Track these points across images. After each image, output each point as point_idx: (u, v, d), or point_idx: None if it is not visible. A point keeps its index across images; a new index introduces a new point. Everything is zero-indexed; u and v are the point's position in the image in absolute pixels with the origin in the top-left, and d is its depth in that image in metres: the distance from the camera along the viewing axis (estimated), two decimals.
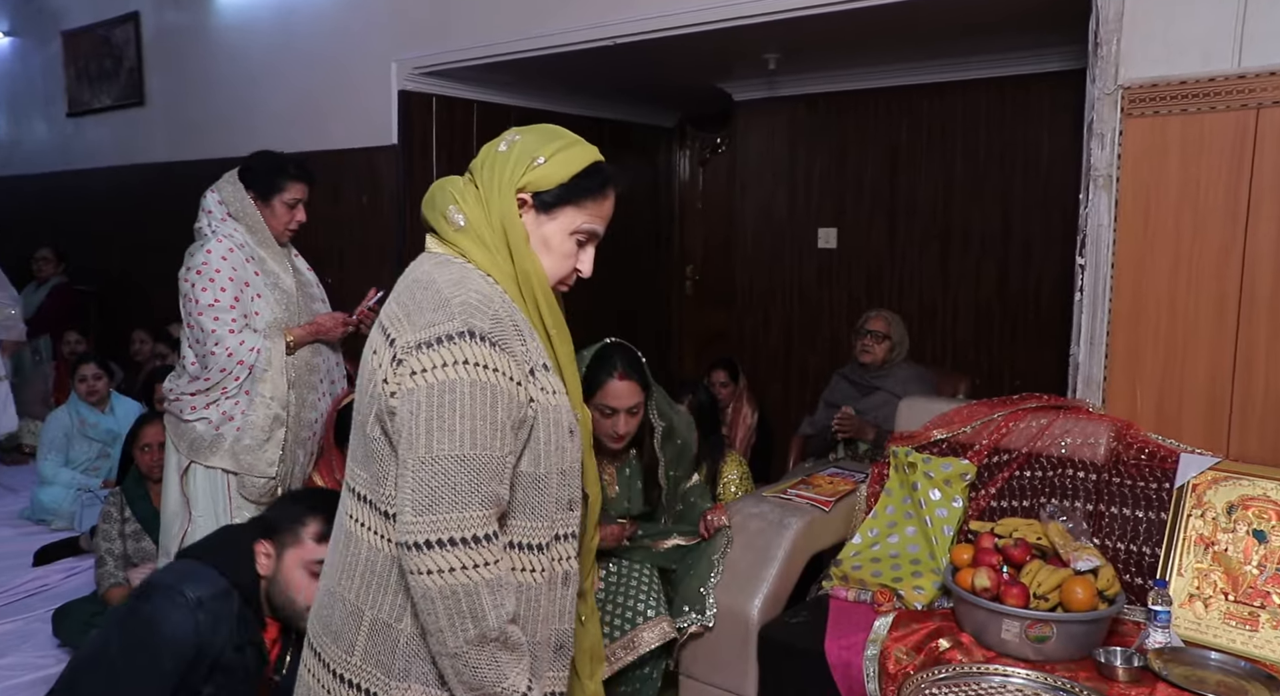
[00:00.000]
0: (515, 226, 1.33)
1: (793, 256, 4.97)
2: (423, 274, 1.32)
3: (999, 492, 2.56)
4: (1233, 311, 2.34)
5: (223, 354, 2.60)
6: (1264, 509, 2.18)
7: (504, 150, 1.36)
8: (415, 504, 1.18)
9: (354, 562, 1.33)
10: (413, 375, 1.20)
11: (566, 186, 1.36)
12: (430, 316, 1.23)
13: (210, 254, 2.65)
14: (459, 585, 1.19)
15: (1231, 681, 1.96)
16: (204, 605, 1.76)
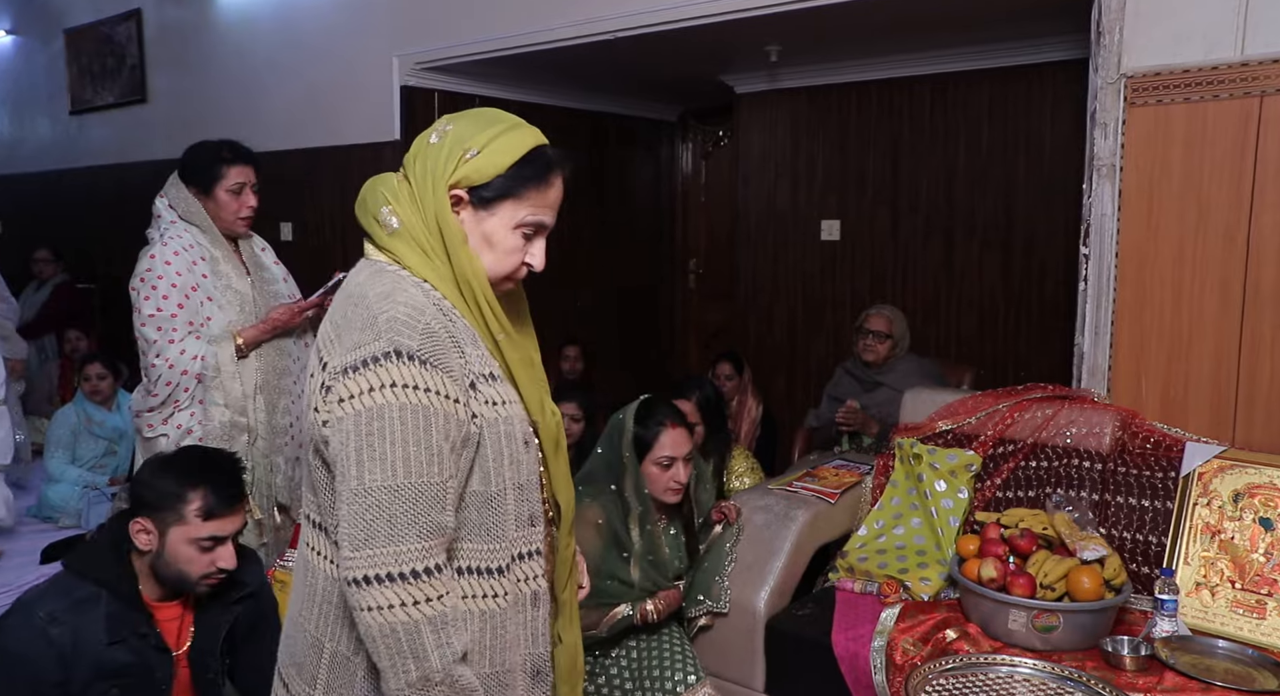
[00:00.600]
0: (450, 226, 1.22)
1: (796, 249, 4.97)
2: (355, 286, 1.23)
3: (1005, 483, 2.56)
4: (1237, 299, 2.34)
5: (163, 366, 2.51)
6: (1270, 496, 2.18)
7: (435, 142, 1.24)
8: (351, 538, 1.11)
9: (312, 592, 1.27)
10: (340, 402, 1.12)
11: (504, 178, 1.23)
12: (357, 337, 1.14)
13: (154, 259, 2.56)
14: (398, 623, 1.11)
15: (1239, 669, 1.96)
16: (57, 619, 1.74)
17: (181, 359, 2.52)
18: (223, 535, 1.86)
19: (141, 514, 1.85)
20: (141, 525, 1.85)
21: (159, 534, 1.84)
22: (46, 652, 1.73)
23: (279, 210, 4.72)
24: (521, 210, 1.25)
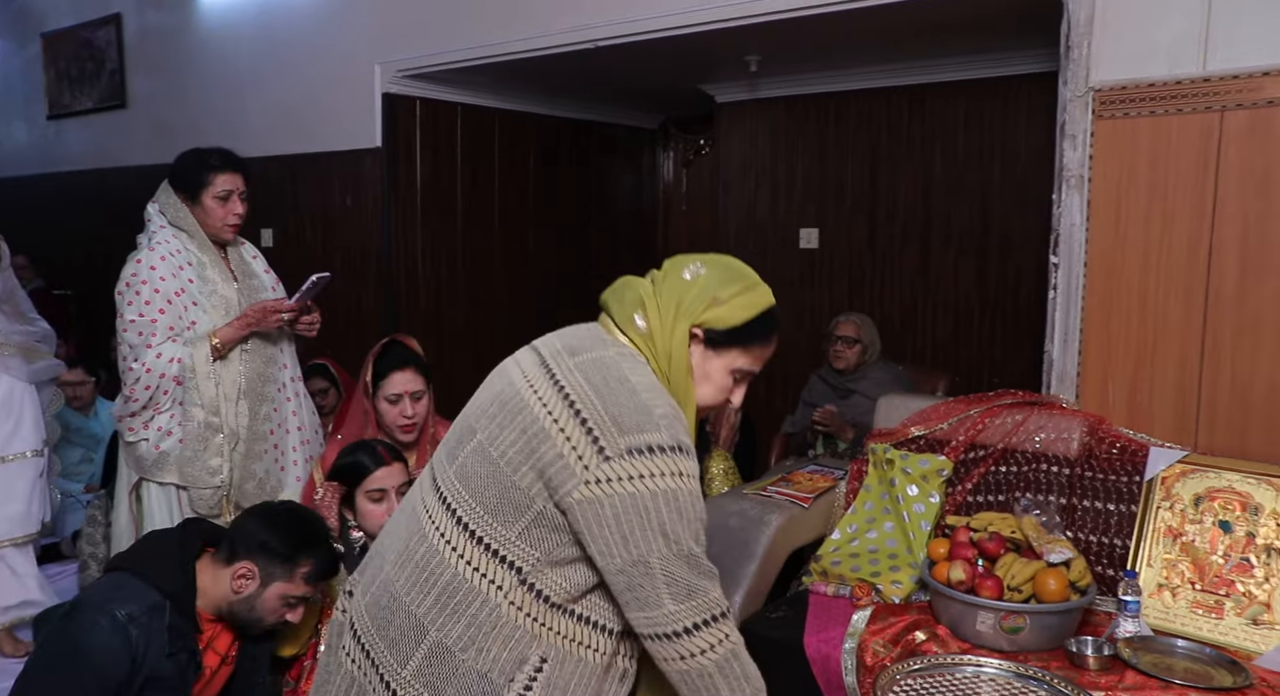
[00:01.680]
0: (681, 358, 1.38)
1: (775, 257, 5.02)
2: (613, 364, 1.34)
3: (975, 488, 2.60)
4: (1200, 307, 2.39)
5: (140, 370, 2.53)
6: (1229, 500, 2.24)
7: (688, 279, 1.41)
8: (673, 595, 1.26)
9: (431, 581, 1.33)
10: (631, 480, 1.26)
11: (739, 330, 1.41)
12: (638, 420, 1.28)
13: (139, 264, 2.58)
14: (728, 653, 1.30)
15: (1198, 668, 2.01)
16: (136, 621, 1.77)
17: (159, 363, 2.53)
18: (309, 597, 1.96)
19: (250, 560, 1.90)
20: (247, 570, 1.90)
21: (260, 585, 1.90)
22: (123, 653, 1.75)
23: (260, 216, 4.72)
24: (742, 359, 1.43)
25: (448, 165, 4.73)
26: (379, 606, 1.37)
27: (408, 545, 1.38)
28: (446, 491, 1.36)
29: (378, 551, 1.46)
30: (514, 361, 1.45)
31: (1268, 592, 2.12)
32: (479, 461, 1.34)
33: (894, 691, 1.89)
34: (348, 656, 1.41)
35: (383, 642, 1.35)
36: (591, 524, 1.27)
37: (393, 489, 2.26)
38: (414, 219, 4.58)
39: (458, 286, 4.82)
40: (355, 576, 1.48)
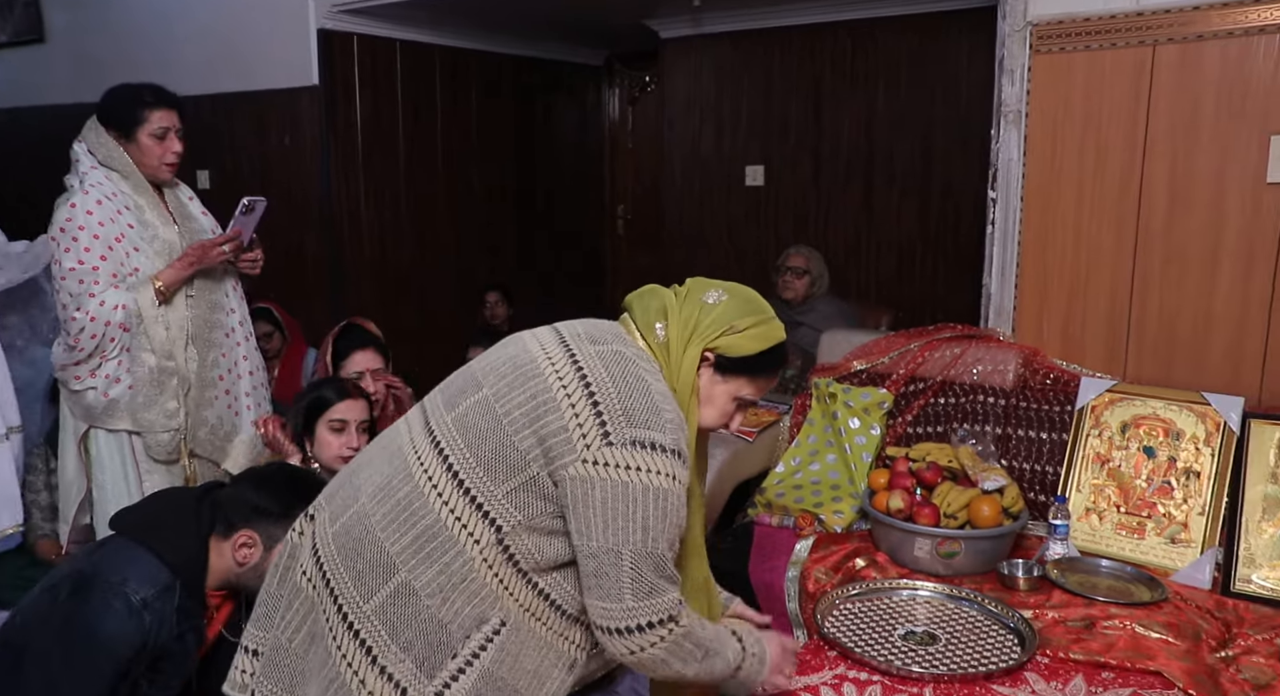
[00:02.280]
0: (689, 378, 1.43)
1: (721, 194, 5.02)
2: (632, 361, 1.37)
3: (915, 419, 2.67)
4: (1130, 240, 2.46)
5: (84, 319, 2.46)
6: (1154, 426, 2.33)
7: (710, 303, 1.45)
8: (635, 591, 1.30)
9: (411, 522, 1.34)
10: (628, 469, 1.29)
11: (750, 360, 1.45)
12: (648, 418, 1.32)
13: (74, 209, 2.48)
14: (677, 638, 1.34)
15: (1119, 585, 2.11)
16: (149, 605, 1.72)
17: (103, 310, 2.47)
18: None
19: (249, 527, 1.86)
20: (248, 538, 1.86)
21: (264, 550, 1.86)
22: (136, 637, 1.71)
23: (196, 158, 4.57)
24: (747, 388, 1.48)
25: (388, 104, 4.63)
26: (349, 536, 1.38)
27: (389, 482, 1.39)
28: (441, 437, 1.37)
29: (349, 482, 1.45)
30: (531, 335, 1.47)
31: (1185, 513, 2.22)
32: (482, 415, 1.35)
33: (833, 616, 1.96)
34: (306, 580, 1.42)
35: (347, 573, 1.35)
36: (578, 502, 1.30)
37: (353, 422, 2.28)
38: (355, 160, 4.49)
39: (402, 228, 4.75)
40: (320, 501, 1.48)
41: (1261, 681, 1.73)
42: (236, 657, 1.51)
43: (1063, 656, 1.78)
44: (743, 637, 1.47)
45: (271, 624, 1.46)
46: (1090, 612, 1.95)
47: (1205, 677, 1.72)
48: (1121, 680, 1.71)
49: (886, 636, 1.87)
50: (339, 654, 1.33)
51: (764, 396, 3.14)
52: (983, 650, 1.82)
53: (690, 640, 1.35)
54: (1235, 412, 2.24)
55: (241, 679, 1.49)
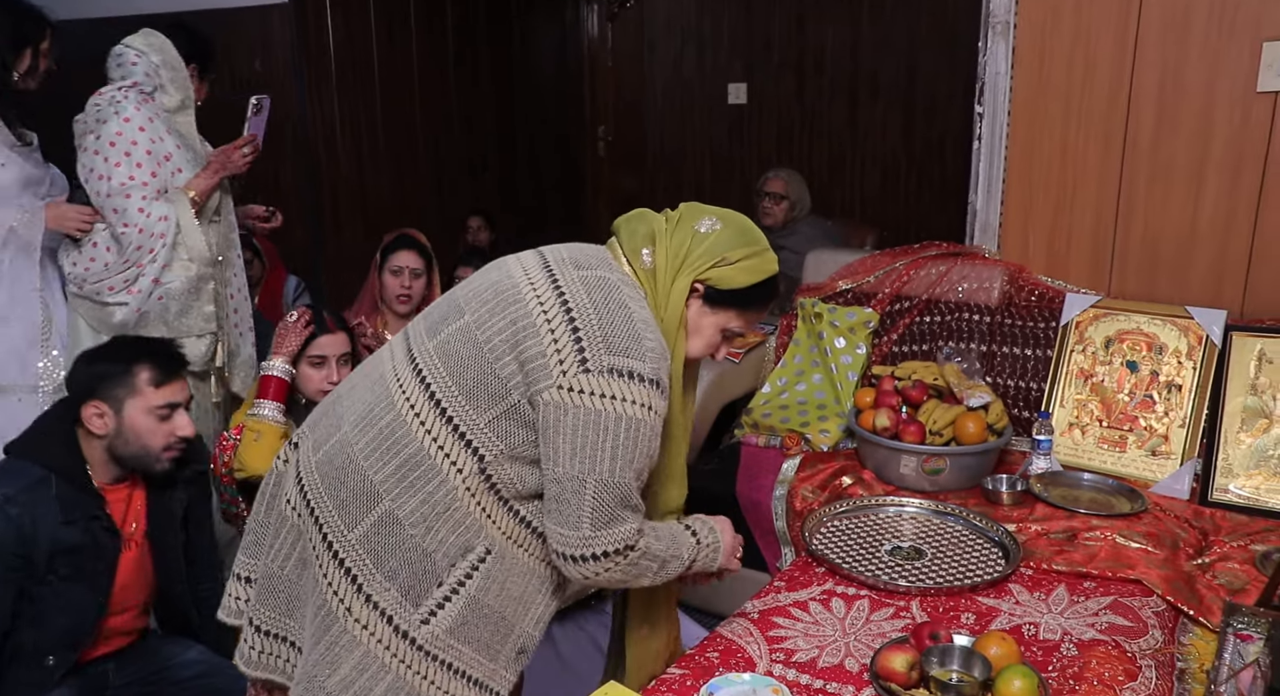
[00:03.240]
0: (677, 308, 1.41)
1: (703, 113, 4.94)
2: (615, 287, 1.35)
3: (900, 338, 2.68)
4: (1117, 155, 2.43)
5: (134, 232, 2.47)
6: (1137, 341, 2.35)
7: (701, 232, 1.41)
8: (594, 521, 1.29)
9: (394, 451, 1.33)
10: (602, 397, 1.27)
11: (740, 293, 1.42)
12: (627, 344, 1.29)
13: (127, 124, 2.47)
14: (632, 560, 1.33)
15: (1100, 498, 2.15)
16: (13, 500, 1.78)
17: (151, 222, 2.49)
18: (177, 401, 1.92)
19: (92, 398, 1.88)
20: (96, 408, 1.87)
21: (114, 413, 1.87)
22: (6, 529, 1.76)
23: None
24: (736, 321, 1.46)
25: (361, 25, 4.48)
26: (332, 465, 1.38)
27: (371, 410, 1.38)
28: (424, 365, 1.36)
29: (332, 410, 1.45)
30: (516, 259, 1.44)
31: (1166, 425, 2.26)
32: (463, 342, 1.34)
33: (821, 533, 1.99)
34: (291, 509, 1.42)
35: (331, 502, 1.36)
36: (549, 427, 1.28)
37: (334, 357, 2.27)
38: (329, 84, 4.36)
39: (379, 154, 4.65)
40: (304, 430, 1.48)
41: (1236, 585, 1.77)
42: (229, 585, 1.52)
43: (1046, 567, 1.83)
44: (696, 530, 1.47)
45: (261, 551, 1.47)
46: (1072, 525, 1.99)
47: (1182, 584, 1.77)
48: (1102, 589, 1.76)
49: (873, 552, 1.91)
50: (325, 582, 1.34)
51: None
52: (968, 563, 1.85)
53: (646, 558, 1.36)
54: (1218, 326, 2.25)
55: (235, 605, 1.51)
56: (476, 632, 1.34)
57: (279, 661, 1.45)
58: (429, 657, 1.31)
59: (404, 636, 1.31)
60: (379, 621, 1.31)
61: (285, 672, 1.45)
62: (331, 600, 1.33)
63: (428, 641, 1.31)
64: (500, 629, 1.36)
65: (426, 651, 1.31)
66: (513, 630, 1.37)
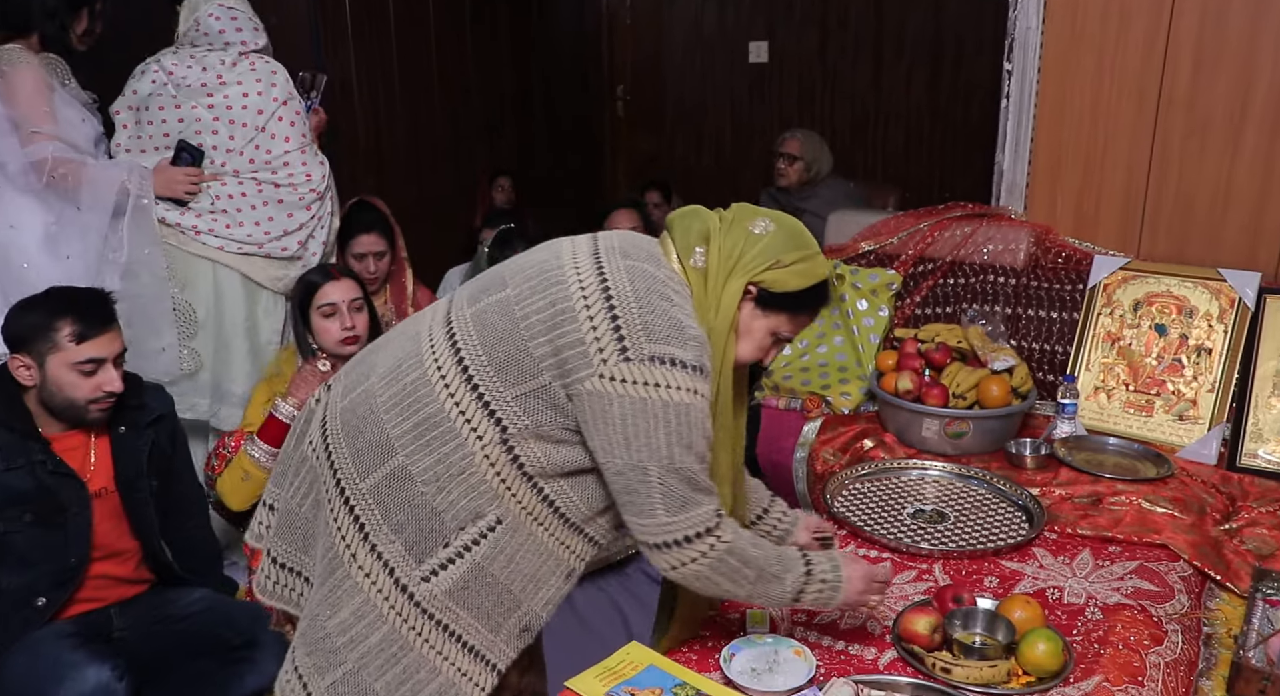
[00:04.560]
0: (729, 311, 1.38)
1: (724, 71, 4.86)
2: (660, 282, 1.33)
3: (923, 300, 2.65)
4: (1151, 111, 2.37)
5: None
6: (1166, 304, 2.30)
7: (756, 233, 1.39)
8: (667, 506, 1.28)
9: (414, 408, 1.33)
10: (646, 386, 1.26)
11: (793, 296, 1.40)
12: (668, 332, 1.28)
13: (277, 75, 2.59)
14: (720, 555, 1.31)
15: (1126, 463, 2.12)
16: None
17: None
18: (101, 356, 1.90)
19: (17, 351, 1.88)
20: (20, 361, 1.88)
21: (38, 366, 1.88)
22: None
23: None
24: (787, 325, 1.43)
25: None
26: (354, 414, 1.38)
27: (400, 365, 1.37)
28: (458, 329, 1.35)
29: (365, 360, 1.45)
30: (570, 241, 1.42)
31: (1195, 390, 2.22)
32: (500, 314, 1.33)
33: (843, 496, 1.97)
34: (311, 450, 1.43)
35: (348, 449, 1.36)
36: (596, 418, 1.27)
37: (343, 303, 2.27)
38: (345, 42, 4.32)
39: (396, 112, 4.61)
40: (340, 375, 1.49)
41: (1265, 551, 1.75)
42: (258, 511, 1.55)
43: (1070, 531, 1.81)
44: (813, 563, 1.40)
45: (285, 483, 1.49)
46: (1097, 489, 1.97)
47: (1209, 549, 1.75)
48: (1128, 553, 1.74)
49: (896, 515, 1.89)
50: (335, 526, 1.35)
51: None
52: (991, 527, 1.84)
53: (735, 557, 1.32)
54: (1251, 288, 2.21)
55: (259, 530, 1.54)
56: (478, 600, 1.33)
57: (292, 593, 1.48)
58: (425, 615, 1.32)
59: (403, 590, 1.31)
60: (381, 572, 1.32)
61: (298, 604, 1.48)
62: (339, 545, 1.34)
63: (425, 599, 1.31)
64: (505, 602, 1.35)
65: (424, 609, 1.31)
66: (519, 606, 1.36)
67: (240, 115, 2.53)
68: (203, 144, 2.51)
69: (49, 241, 2.34)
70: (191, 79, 2.52)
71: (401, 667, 1.31)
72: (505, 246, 2.47)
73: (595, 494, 1.36)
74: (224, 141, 2.53)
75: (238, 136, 2.53)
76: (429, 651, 1.32)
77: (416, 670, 1.31)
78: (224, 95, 2.53)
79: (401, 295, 2.79)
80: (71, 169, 2.32)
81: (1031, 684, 1.36)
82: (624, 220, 3.02)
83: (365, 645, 1.31)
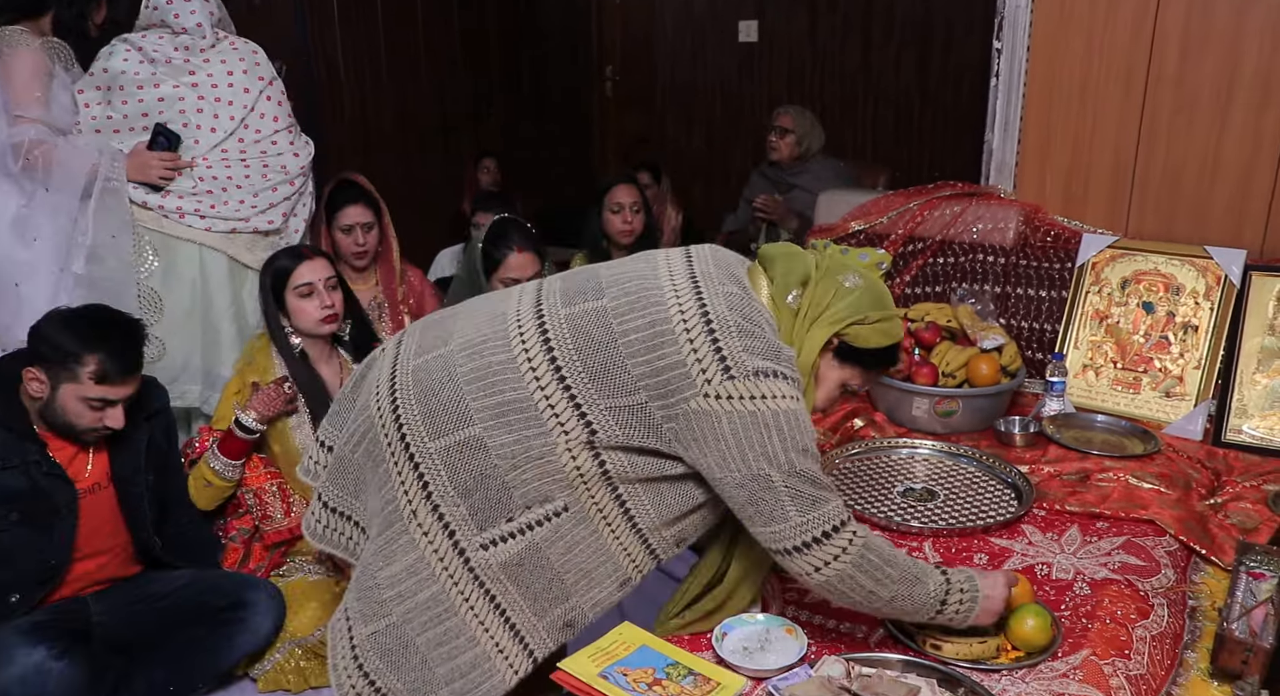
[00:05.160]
0: (810, 357, 1.42)
1: (714, 51, 4.84)
2: (755, 311, 1.36)
3: (913, 279, 2.66)
4: (1139, 91, 2.37)
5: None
6: (1154, 282, 2.32)
7: (848, 287, 1.44)
8: (799, 507, 1.29)
9: (499, 389, 1.33)
10: (754, 400, 1.28)
11: (870, 352, 1.45)
12: (766, 351, 1.31)
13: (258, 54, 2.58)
14: (860, 549, 1.30)
15: (1114, 439, 2.14)
16: None
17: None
18: (114, 399, 1.89)
19: (36, 364, 1.87)
20: (34, 374, 1.87)
21: (50, 386, 1.87)
22: None
23: None
24: (858, 379, 1.49)
25: None
26: (429, 376, 1.37)
27: (485, 342, 1.38)
28: (551, 329, 1.35)
29: (443, 323, 1.46)
30: (665, 256, 1.44)
31: (1181, 367, 2.24)
32: (597, 325, 1.33)
33: (833, 474, 1.99)
34: (375, 400, 1.42)
35: (419, 408, 1.36)
36: (706, 435, 1.29)
37: (319, 281, 2.26)
38: (331, 21, 4.28)
39: (383, 93, 4.59)
40: (414, 328, 1.50)
41: (1249, 525, 1.78)
42: (311, 448, 1.57)
43: (1059, 508, 1.83)
44: (946, 571, 1.38)
45: (342, 424, 1.50)
46: (1085, 466, 1.99)
47: (1195, 523, 1.77)
48: (1115, 529, 1.76)
49: (886, 493, 1.91)
50: (399, 481, 1.36)
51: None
52: (981, 504, 1.86)
53: (875, 553, 1.31)
54: (1237, 266, 2.22)
55: (313, 468, 1.55)
56: (530, 579, 1.34)
57: (342, 537, 1.50)
58: (476, 583, 1.33)
59: (460, 554, 1.32)
60: (440, 533, 1.33)
61: (346, 548, 1.50)
62: (400, 499, 1.35)
63: (480, 567, 1.32)
64: (555, 589, 1.36)
65: (476, 576, 1.33)
66: (568, 598, 1.37)
67: (226, 93, 2.50)
68: (187, 123, 2.47)
69: (17, 224, 2.31)
70: (170, 57, 2.47)
71: (443, 629, 1.33)
72: (501, 240, 2.43)
73: (669, 503, 1.38)
74: (209, 121, 2.49)
75: (221, 115, 2.50)
76: (472, 619, 1.33)
77: (456, 635, 1.33)
78: (207, 73, 2.49)
79: (391, 275, 2.78)
80: (45, 150, 2.30)
81: (1020, 658, 1.38)
82: (624, 195, 3.02)
83: (413, 601, 1.33)
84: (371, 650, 1.34)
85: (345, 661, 1.36)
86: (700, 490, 1.37)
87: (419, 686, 1.33)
